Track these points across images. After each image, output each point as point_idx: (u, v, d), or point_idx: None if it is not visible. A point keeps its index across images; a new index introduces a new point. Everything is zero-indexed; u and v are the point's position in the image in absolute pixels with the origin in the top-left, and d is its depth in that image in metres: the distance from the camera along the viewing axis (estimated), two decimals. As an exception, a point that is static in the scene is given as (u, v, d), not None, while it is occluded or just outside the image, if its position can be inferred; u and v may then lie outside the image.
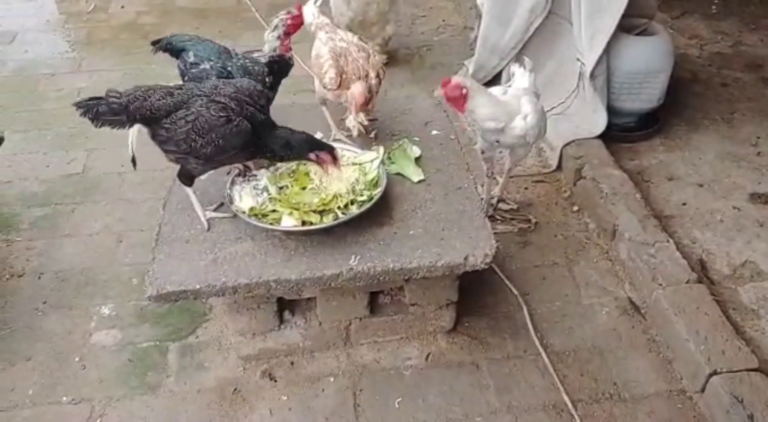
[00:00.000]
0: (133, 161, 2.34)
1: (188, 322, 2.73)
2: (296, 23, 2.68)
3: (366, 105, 2.58)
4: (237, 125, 2.12)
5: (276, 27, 2.65)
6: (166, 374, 2.54)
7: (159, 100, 2.16)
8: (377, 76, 2.58)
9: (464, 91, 2.42)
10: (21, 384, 2.50)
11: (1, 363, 2.58)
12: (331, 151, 2.26)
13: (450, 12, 5.29)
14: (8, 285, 2.92)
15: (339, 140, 2.70)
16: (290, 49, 2.65)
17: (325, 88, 2.62)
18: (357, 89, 2.53)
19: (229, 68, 2.46)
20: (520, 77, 2.81)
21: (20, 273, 2.97)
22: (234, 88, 2.21)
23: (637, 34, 3.52)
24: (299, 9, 2.70)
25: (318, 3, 2.82)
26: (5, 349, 2.63)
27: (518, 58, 2.98)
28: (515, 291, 2.83)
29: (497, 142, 2.70)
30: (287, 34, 2.64)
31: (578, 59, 3.52)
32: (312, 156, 2.24)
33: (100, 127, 2.24)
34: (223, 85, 2.23)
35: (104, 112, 2.19)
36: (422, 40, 4.89)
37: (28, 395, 2.47)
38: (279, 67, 2.55)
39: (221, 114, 2.11)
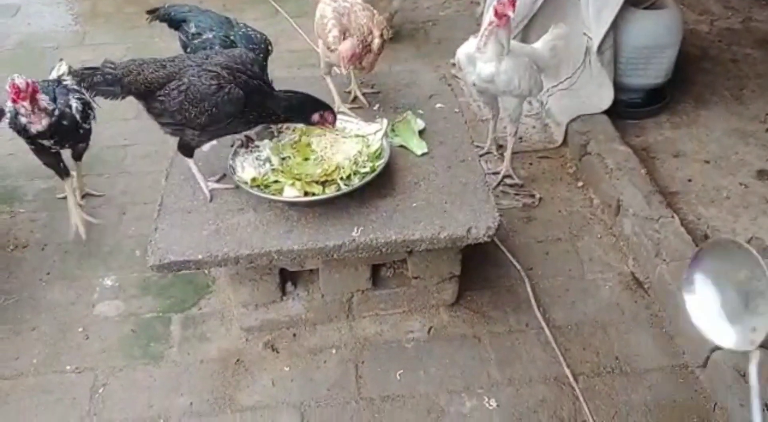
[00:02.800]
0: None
1: (191, 294, 2.74)
2: None
3: (356, 60, 2.54)
4: (228, 92, 2.10)
5: None
6: (169, 345, 2.55)
7: (152, 73, 2.16)
8: (381, 35, 2.56)
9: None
10: (25, 352, 2.52)
11: (5, 333, 2.59)
12: (331, 110, 2.27)
13: (456, -14, 5.22)
14: (13, 256, 2.93)
15: (343, 113, 2.68)
16: None
17: (328, 48, 2.59)
18: (346, 44, 2.50)
19: (232, 37, 2.44)
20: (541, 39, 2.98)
21: (24, 244, 2.98)
22: (225, 56, 2.20)
23: (646, 8, 3.47)
24: None
25: None
26: (10, 319, 2.64)
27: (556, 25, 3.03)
28: (518, 266, 2.82)
29: (473, 84, 2.87)
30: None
31: (585, 34, 3.47)
32: (316, 116, 2.24)
33: (94, 96, 2.26)
34: (214, 55, 2.23)
35: (99, 82, 2.20)
36: (427, 14, 4.84)
37: (33, 363, 2.49)
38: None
39: (212, 82, 2.10)
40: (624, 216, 2.92)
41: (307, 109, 2.25)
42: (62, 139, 2.73)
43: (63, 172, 2.90)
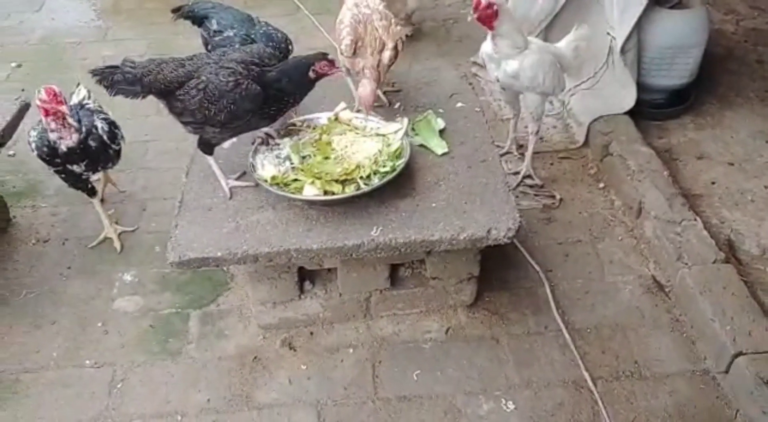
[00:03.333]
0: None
1: (209, 291, 2.75)
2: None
3: (376, 99, 2.55)
4: (246, 88, 2.11)
5: None
6: (187, 341, 2.57)
7: (171, 72, 2.17)
8: (395, 47, 2.54)
9: (495, 8, 2.57)
10: (46, 346, 2.55)
11: (27, 326, 2.62)
12: (324, 57, 2.19)
13: (478, -16, 5.18)
14: (34, 250, 2.96)
15: (362, 110, 2.68)
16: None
17: (341, 54, 2.59)
18: (365, 91, 2.47)
19: (253, 35, 2.44)
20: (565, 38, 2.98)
21: (46, 238, 3.01)
22: (242, 52, 2.20)
23: (671, 7, 3.42)
24: None
25: None
26: (31, 312, 2.67)
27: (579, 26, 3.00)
28: (537, 268, 2.80)
29: (497, 79, 2.86)
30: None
31: (608, 33, 3.43)
32: (312, 74, 2.19)
33: (114, 95, 2.27)
34: (232, 51, 2.23)
35: (119, 81, 2.22)
36: (448, 12, 4.81)
37: (53, 357, 2.51)
38: None
39: (230, 79, 2.11)
40: (646, 219, 2.89)
41: (302, 69, 2.18)
42: (93, 162, 2.68)
43: (91, 192, 2.86)
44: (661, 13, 3.35)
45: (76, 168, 2.66)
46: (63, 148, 2.56)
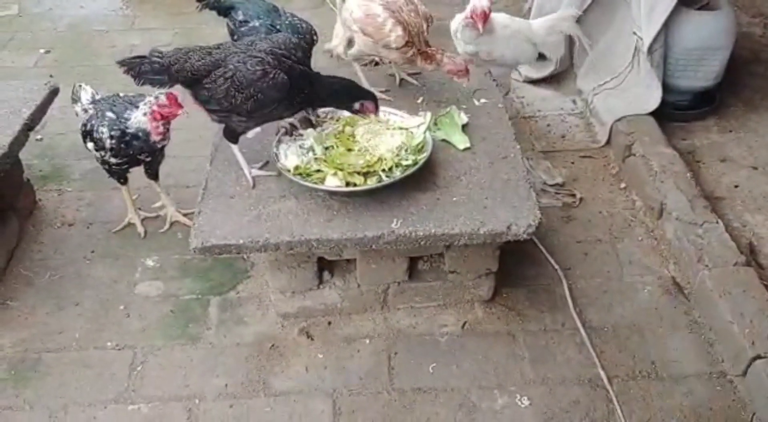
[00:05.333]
0: None
1: (230, 278, 2.78)
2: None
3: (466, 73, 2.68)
4: (273, 78, 2.13)
5: None
6: (207, 326, 2.60)
7: (198, 61, 2.20)
8: (427, 26, 2.62)
9: (488, 11, 2.94)
10: (69, 327, 2.59)
11: (51, 307, 2.67)
12: (374, 99, 2.29)
13: (503, -19, 5.17)
14: (59, 233, 3.01)
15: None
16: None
17: (388, 47, 2.60)
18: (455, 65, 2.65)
19: (278, 26, 2.46)
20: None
21: (71, 222, 3.06)
22: (270, 42, 2.22)
23: (698, 9, 3.39)
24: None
25: None
26: (55, 294, 2.72)
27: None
28: (556, 265, 2.80)
29: (466, 53, 3.11)
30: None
31: (635, 33, 3.42)
32: (356, 105, 2.26)
33: (142, 85, 2.31)
34: (259, 41, 2.24)
35: (146, 71, 2.25)
36: (473, 9, 4.79)
37: (75, 338, 2.56)
38: None
39: (257, 67, 2.13)
40: (666, 220, 2.88)
41: (351, 96, 2.27)
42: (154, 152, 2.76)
43: (125, 179, 2.89)
44: (689, 14, 3.32)
45: (142, 156, 2.72)
46: (158, 146, 2.67)
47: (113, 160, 2.69)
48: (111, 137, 2.60)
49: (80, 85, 2.78)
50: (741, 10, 4.47)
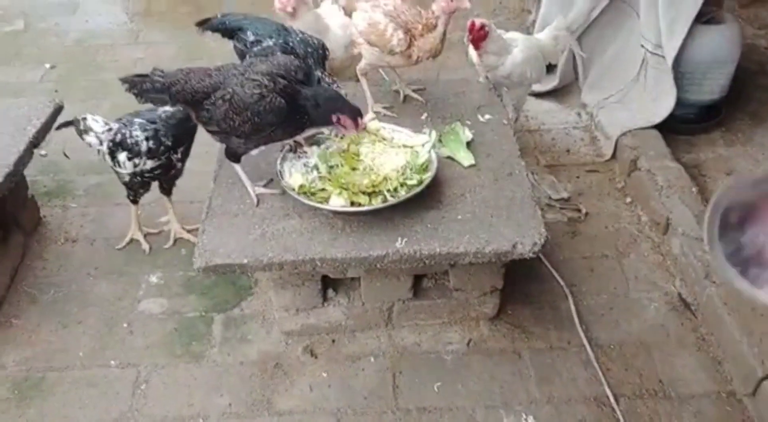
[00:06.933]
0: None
1: (233, 295, 2.77)
2: None
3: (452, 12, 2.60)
4: (270, 102, 2.11)
5: None
6: (210, 344, 2.59)
7: (198, 82, 2.20)
8: (444, 22, 2.60)
9: (486, 29, 2.90)
10: (72, 345, 2.59)
11: (54, 325, 2.66)
12: (353, 114, 2.16)
13: (507, -6, 5.18)
14: (63, 249, 3.00)
15: (377, 113, 2.71)
16: None
17: (392, 52, 2.61)
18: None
19: (291, 44, 2.46)
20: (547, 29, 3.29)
21: (74, 238, 3.06)
22: (269, 64, 2.20)
23: (704, 23, 3.38)
24: None
25: None
26: (59, 311, 2.71)
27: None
28: (562, 282, 2.78)
29: (487, 78, 3.06)
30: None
31: (642, 46, 3.41)
32: (333, 118, 2.16)
33: (144, 103, 2.31)
34: (258, 62, 2.23)
35: (148, 89, 2.25)
36: (478, 22, 4.79)
37: (79, 357, 2.55)
38: None
39: (255, 91, 2.11)
40: (673, 236, 2.86)
41: (329, 109, 2.16)
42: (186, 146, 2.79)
43: (143, 192, 2.90)
44: (695, 27, 3.30)
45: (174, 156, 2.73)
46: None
47: (149, 165, 2.66)
48: (146, 138, 2.60)
49: (84, 118, 2.71)
50: (746, 22, 4.46)
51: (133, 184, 2.79)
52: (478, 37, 2.90)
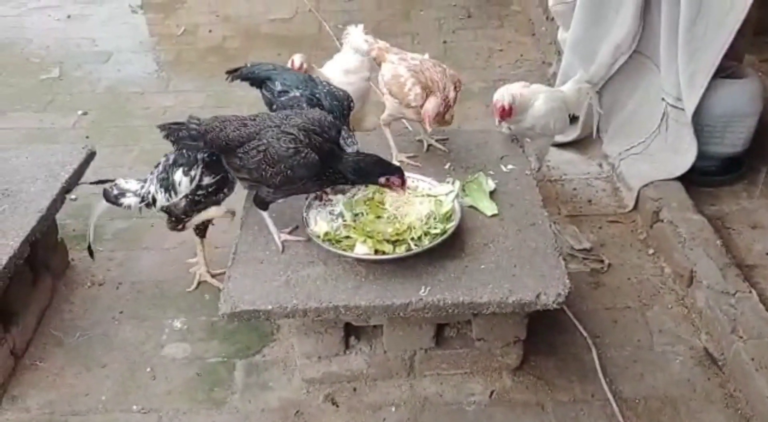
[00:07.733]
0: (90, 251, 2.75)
1: (256, 341, 2.78)
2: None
3: (439, 118, 2.70)
4: (305, 156, 2.17)
5: None
6: (232, 391, 2.59)
7: (234, 131, 2.26)
8: (455, 88, 2.71)
9: (512, 107, 2.96)
10: (95, 389, 2.60)
11: (78, 368, 2.68)
12: (401, 175, 2.28)
13: (528, 47, 5.28)
14: (89, 293, 3.05)
15: (401, 162, 2.76)
16: None
17: (409, 106, 2.72)
18: (430, 104, 2.66)
19: (318, 95, 2.53)
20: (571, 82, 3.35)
21: (101, 282, 3.10)
22: (304, 118, 2.27)
23: (724, 77, 3.42)
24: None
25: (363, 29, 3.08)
26: (83, 355, 2.74)
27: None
28: (585, 333, 2.76)
29: (510, 128, 3.10)
30: None
31: (663, 99, 3.44)
32: (382, 180, 2.26)
33: (179, 149, 2.38)
34: (294, 116, 2.29)
35: (184, 137, 2.32)
36: (499, 73, 4.89)
37: (101, 401, 2.56)
38: None
39: (290, 145, 2.17)
40: (697, 289, 2.84)
41: (375, 172, 2.26)
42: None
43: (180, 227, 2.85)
44: (715, 82, 3.33)
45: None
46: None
47: (206, 181, 2.57)
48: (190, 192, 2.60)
49: (115, 184, 2.73)
50: (766, 75, 4.49)
51: (189, 207, 2.68)
52: (505, 114, 2.96)
